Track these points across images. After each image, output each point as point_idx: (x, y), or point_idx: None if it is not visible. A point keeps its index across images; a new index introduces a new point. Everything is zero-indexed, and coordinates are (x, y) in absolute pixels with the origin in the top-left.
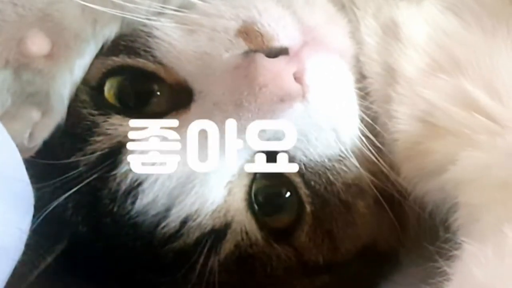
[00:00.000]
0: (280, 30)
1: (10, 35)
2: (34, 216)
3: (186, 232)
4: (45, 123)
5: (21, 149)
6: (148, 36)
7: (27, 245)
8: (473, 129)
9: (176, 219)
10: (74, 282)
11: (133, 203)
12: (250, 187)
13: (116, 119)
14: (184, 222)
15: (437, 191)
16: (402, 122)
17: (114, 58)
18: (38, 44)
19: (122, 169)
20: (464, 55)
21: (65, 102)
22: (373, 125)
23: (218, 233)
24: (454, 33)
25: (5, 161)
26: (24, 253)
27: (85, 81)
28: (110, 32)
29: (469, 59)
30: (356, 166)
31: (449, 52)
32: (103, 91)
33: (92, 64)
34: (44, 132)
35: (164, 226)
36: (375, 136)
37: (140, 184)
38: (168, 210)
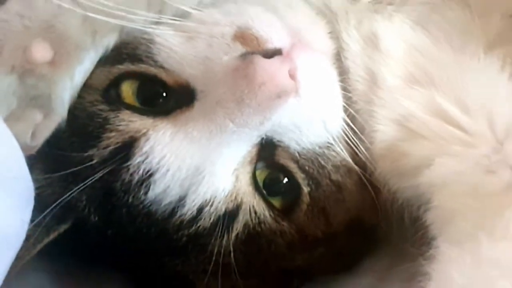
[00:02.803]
0: (273, 33)
1: (17, 44)
2: (44, 205)
3: (203, 217)
4: (46, 124)
5: (24, 147)
6: (150, 43)
7: (32, 221)
8: (446, 139)
9: (193, 207)
10: (76, 263)
11: (146, 193)
12: (254, 173)
13: (127, 116)
14: (201, 209)
15: (409, 190)
16: (381, 123)
17: (119, 66)
18: (41, 52)
19: (134, 161)
20: (436, 70)
21: (66, 105)
22: (356, 117)
23: (231, 214)
24: (426, 49)
25: (9, 161)
26: (29, 229)
27: (93, 86)
28: (109, 41)
29: (440, 74)
30: (344, 152)
31: (422, 67)
32: (112, 93)
33: (99, 72)
34: (45, 132)
35: (182, 214)
36: (357, 127)
37: (151, 175)
38: (182, 199)
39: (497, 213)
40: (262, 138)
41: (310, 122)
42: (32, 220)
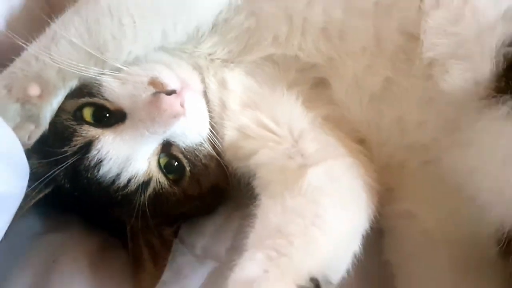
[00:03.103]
0: (171, 80)
1: (20, 85)
2: (37, 178)
3: (130, 185)
4: (36, 131)
5: (23, 144)
6: (99, 86)
7: (29, 187)
8: (265, 139)
9: (125, 179)
10: (57, 213)
11: (98, 171)
12: (159, 160)
13: (87, 128)
14: (129, 180)
15: (243, 168)
16: (228, 130)
17: (82, 99)
18: (34, 90)
19: (91, 153)
20: (260, 100)
21: (48, 121)
22: (215, 126)
23: (146, 183)
24: (254, 88)
25: (12, 151)
26: (26, 191)
27: (66, 110)
28: (73, 84)
29: (262, 103)
30: (209, 147)
31: (252, 99)
32: (78, 114)
33: (69, 102)
34: (36, 136)
35: (118, 183)
36: (216, 132)
37: (101, 161)
38: (118, 175)
39: (295, 181)
40: (164, 140)
41: (191, 131)
42: (28, 186)
